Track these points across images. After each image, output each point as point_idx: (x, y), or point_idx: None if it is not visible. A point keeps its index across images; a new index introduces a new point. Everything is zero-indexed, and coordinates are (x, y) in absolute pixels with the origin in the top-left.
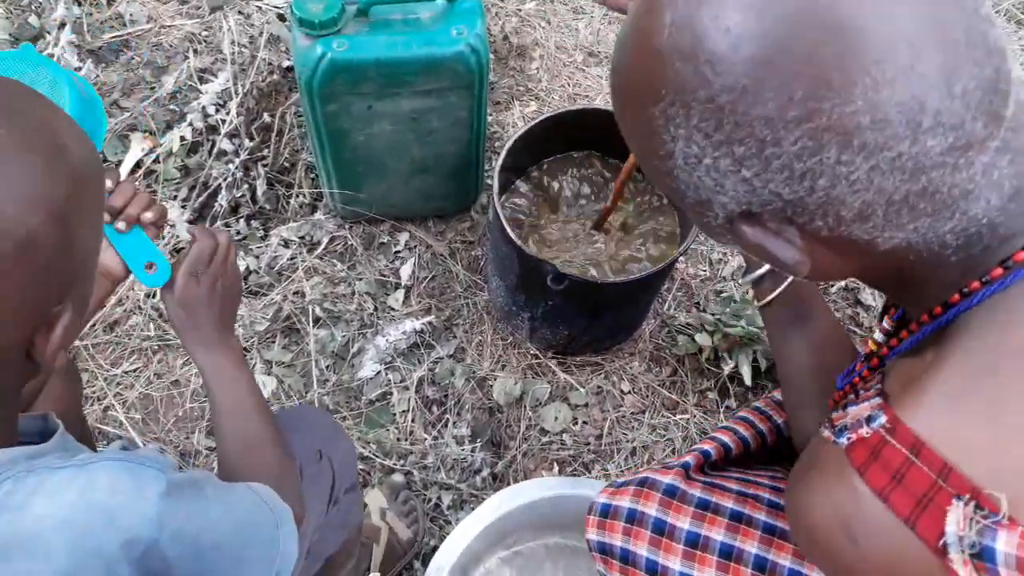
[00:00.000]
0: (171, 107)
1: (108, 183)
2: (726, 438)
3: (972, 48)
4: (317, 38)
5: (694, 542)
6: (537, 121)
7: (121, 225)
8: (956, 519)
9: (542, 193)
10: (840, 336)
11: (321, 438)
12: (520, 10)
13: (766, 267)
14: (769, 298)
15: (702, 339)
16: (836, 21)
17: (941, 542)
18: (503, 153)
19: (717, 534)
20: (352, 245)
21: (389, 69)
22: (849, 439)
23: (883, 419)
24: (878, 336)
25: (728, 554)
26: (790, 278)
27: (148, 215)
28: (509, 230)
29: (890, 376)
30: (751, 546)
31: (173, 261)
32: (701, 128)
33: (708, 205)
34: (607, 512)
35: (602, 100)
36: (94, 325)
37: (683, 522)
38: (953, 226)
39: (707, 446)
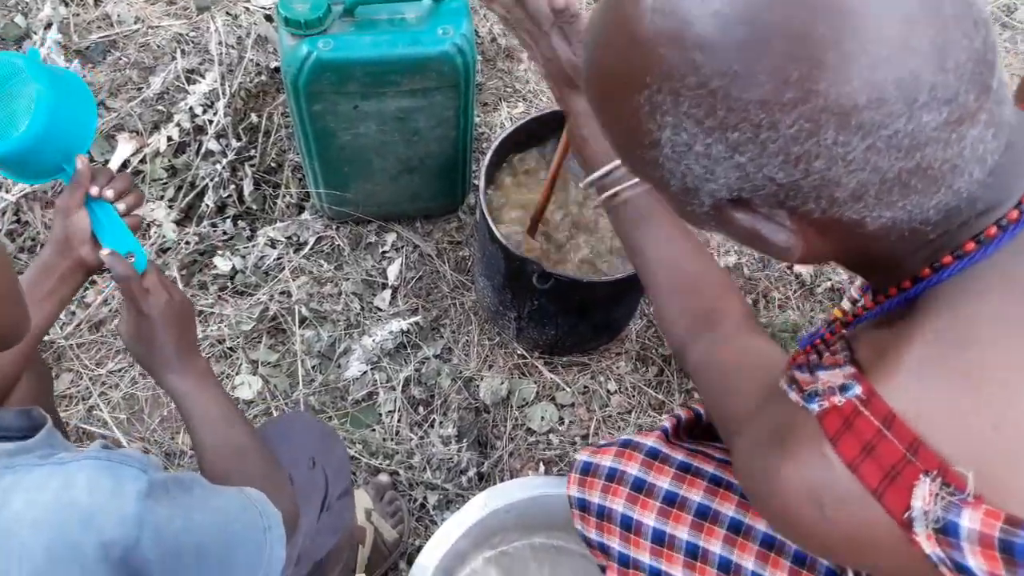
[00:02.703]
0: (158, 107)
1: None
2: (700, 408)
3: (961, 21)
4: (303, 37)
5: (671, 500)
6: (523, 121)
7: (95, 190)
8: (922, 495)
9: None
10: (684, 230)
11: (313, 445)
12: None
13: (606, 168)
14: (608, 195)
15: None
16: (833, 1)
17: (906, 515)
18: (489, 153)
19: (695, 495)
20: (339, 245)
21: (375, 68)
22: (821, 406)
23: (858, 389)
24: (846, 304)
25: (704, 514)
26: (633, 180)
27: (109, 192)
28: (495, 228)
29: (859, 344)
30: (728, 509)
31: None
32: (691, 115)
33: (695, 193)
34: (588, 470)
35: None
36: (79, 325)
37: (663, 482)
38: (938, 201)
39: (680, 411)
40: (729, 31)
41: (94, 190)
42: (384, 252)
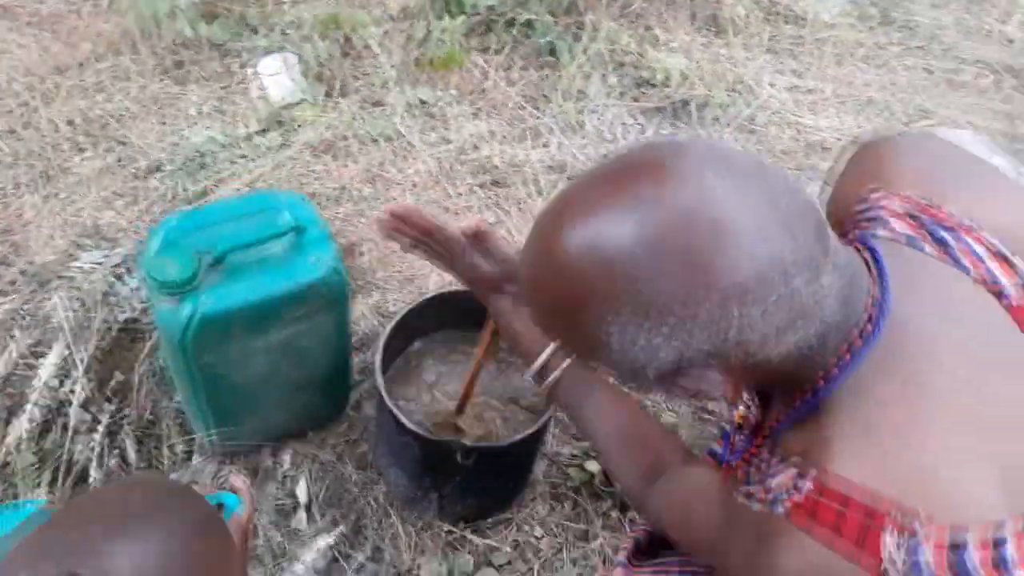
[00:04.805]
0: (8, 391)
1: None
2: (638, 533)
3: (793, 205)
4: (180, 296)
5: None
6: (402, 314)
7: None
8: (888, 543)
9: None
10: (620, 394)
11: None
12: (338, 214)
13: (542, 359)
14: (550, 382)
15: (591, 465)
16: (708, 220)
17: (882, 567)
18: (379, 353)
19: None
20: None
21: (260, 309)
22: (785, 507)
23: (809, 484)
24: (742, 408)
25: None
26: (566, 362)
27: None
28: (406, 422)
29: (783, 445)
30: None
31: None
32: (633, 320)
33: (642, 371)
34: None
35: (436, 276)
36: None
37: None
38: (815, 330)
39: (636, 535)
40: (640, 262)
41: None
42: (286, 473)
